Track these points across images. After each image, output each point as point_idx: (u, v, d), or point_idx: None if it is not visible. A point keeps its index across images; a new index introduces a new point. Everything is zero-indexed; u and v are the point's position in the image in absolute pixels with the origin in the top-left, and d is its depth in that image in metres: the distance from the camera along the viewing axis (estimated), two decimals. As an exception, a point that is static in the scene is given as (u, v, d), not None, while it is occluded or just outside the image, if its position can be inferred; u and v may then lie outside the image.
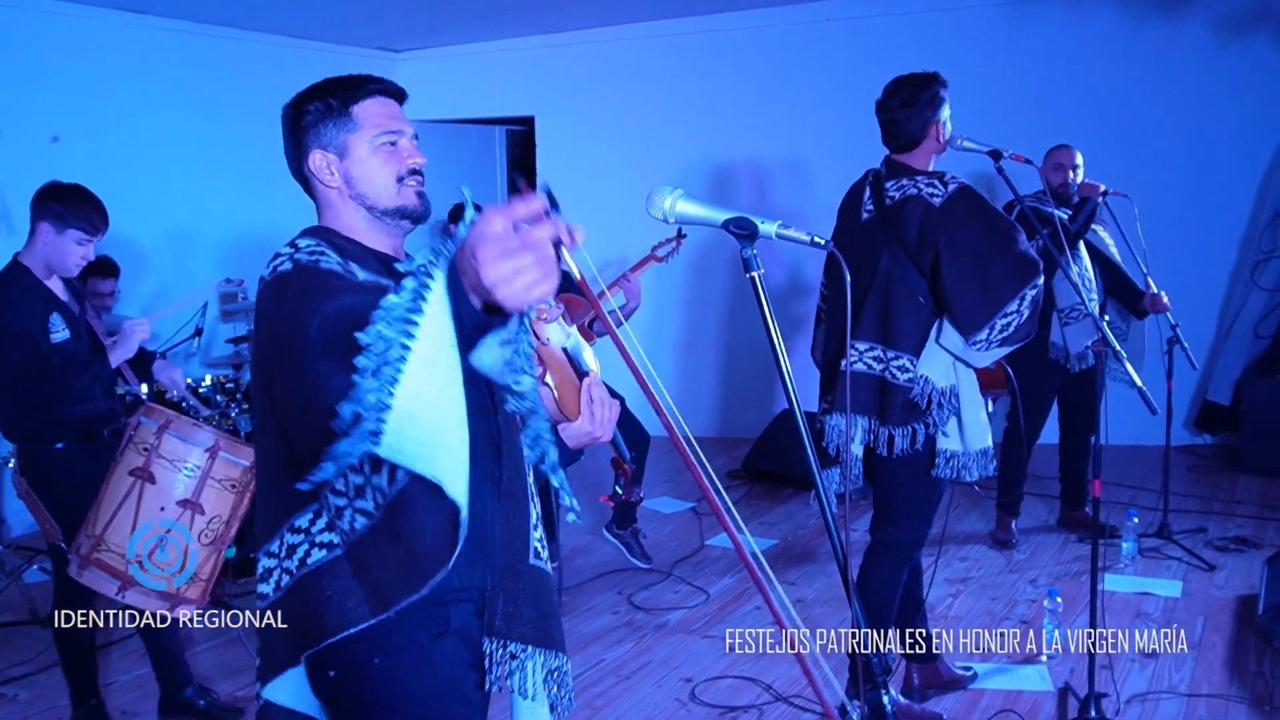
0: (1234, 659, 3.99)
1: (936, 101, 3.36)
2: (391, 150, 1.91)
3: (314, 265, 1.75)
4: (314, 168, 1.92)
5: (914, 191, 3.32)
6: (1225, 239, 7.00)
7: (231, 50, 7.28)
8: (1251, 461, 6.46)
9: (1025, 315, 3.24)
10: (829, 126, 7.54)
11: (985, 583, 4.91)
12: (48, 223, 3.49)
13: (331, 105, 1.90)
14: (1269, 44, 6.73)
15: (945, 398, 3.36)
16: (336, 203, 1.94)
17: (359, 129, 1.89)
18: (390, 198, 1.91)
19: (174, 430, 3.26)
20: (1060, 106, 6.99)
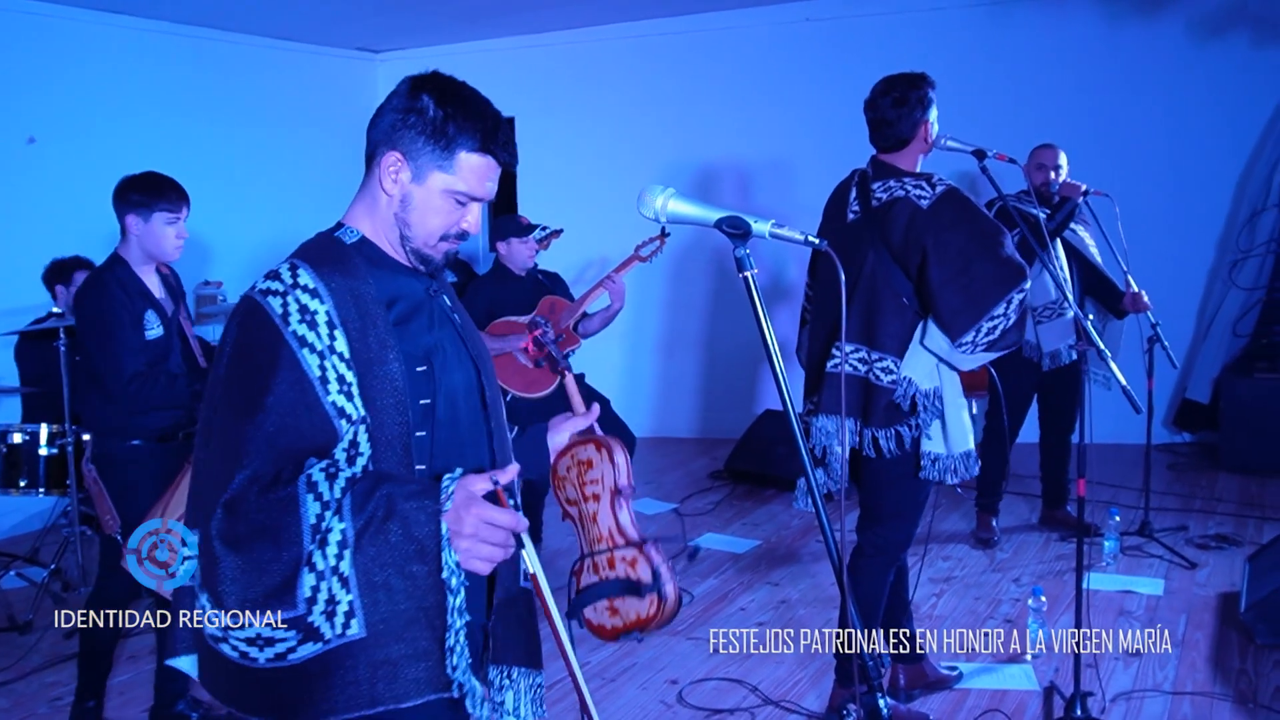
0: (1217, 656, 4.00)
1: (926, 102, 3.36)
2: (458, 208, 1.82)
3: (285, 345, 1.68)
4: (383, 164, 1.81)
5: (901, 193, 3.31)
6: (1203, 238, 7.05)
7: (211, 51, 7.24)
8: (1230, 459, 6.50)
9: (1012, 320, 3.24)
10: (811, 126, 7.56)
11: (969, 582, 4.92)
12: (133, 214, 3.52)
13: (446, 133, 1.77)
14: (1246, 44, 6.78)
15: (929, 400, 3.35)
16: (382, 206, 1.84)
17: (450, 174, 1.78)
18: (426, 244, 1.83)
19: None
20: (1040, 106, 7.02)
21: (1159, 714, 3.60)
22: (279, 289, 1.73)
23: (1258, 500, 5.91)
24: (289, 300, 1.71)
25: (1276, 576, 4.18)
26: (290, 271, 1.75)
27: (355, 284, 1.76)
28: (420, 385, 1.78)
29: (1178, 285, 6.84)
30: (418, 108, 1.77)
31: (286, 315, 1.70)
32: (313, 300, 1.71)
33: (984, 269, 3.24)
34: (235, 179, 7.33)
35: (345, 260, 1.80)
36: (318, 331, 1.69)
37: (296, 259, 1.79)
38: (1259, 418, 6.42)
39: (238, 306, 1.76)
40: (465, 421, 1.87)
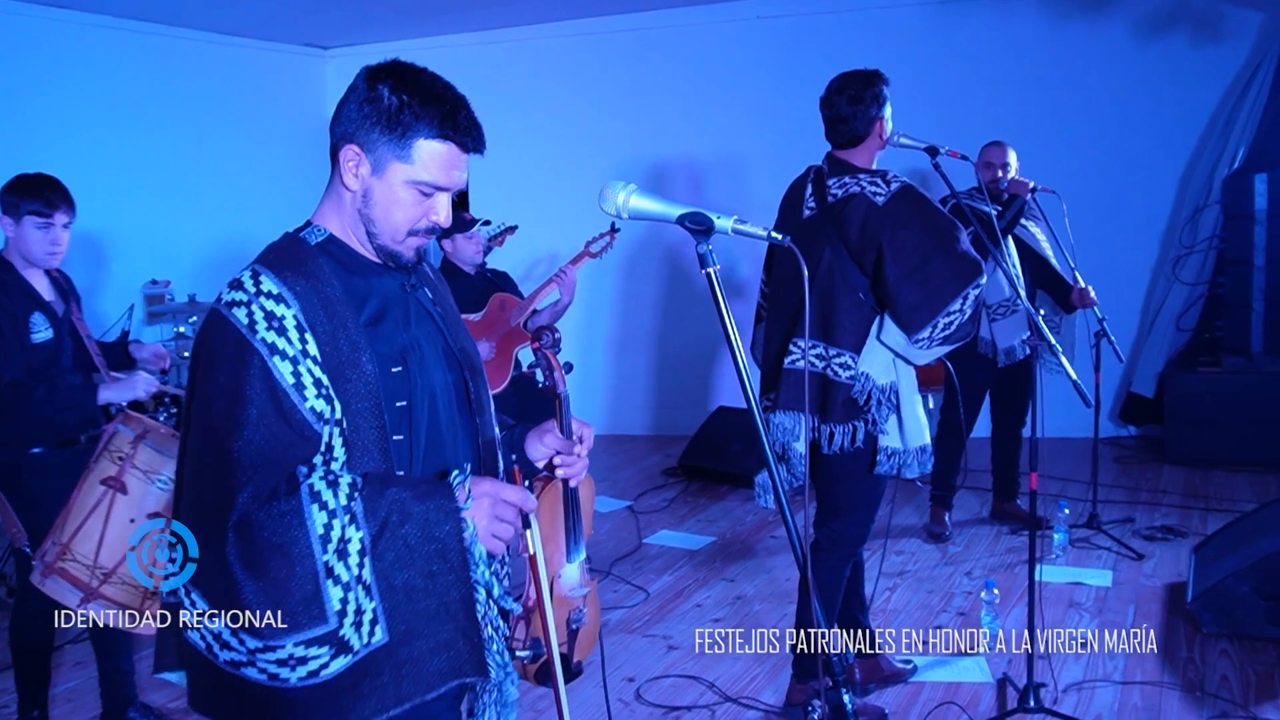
0: (1165, 646, 4.07)
1: (881, 99, 3.39)
2: (423, 200, 1.75)
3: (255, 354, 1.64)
4: (342, 159, 1.75)
5: (857, 190, 3.33)
6: (1147, 234, 7.16)
7: (156, 46, 7.12)
8: (1175, 452, 6.62)
9: (967, 315, 3.28)
10: (763, 123, 7.58)
11: (921, 576, 4.96)
12: (6, 216, 3.37)
13: (400, 121, 1.70)
14: (1186, 44, 6.89)
15: (885, 395, 3.38)
16: (346, 203, 1.78)
17: (409, 164, 1.72)
18: (393, 239, 1.77)
19: (150, 441, 3.16)
20: (988, 104, 7.09)
21: (1109, 704, 3.65)
22: (243, 299, 1.67)
23: (1201, 492, 6.02)
24: (254, 309, 1.66)
25: (1222, 567, 4.25)
26: (252, 279, 1.70)
27: (320, 285, 1.71)
28: (396, 386, 1.74)
29: (1123, 281, 6.94)
30: (373, 97, 1.71)
31: (253, 324, 1.65)
32: (278, 305, 1.66)
33: (941, 265, 3.27)
34: (182, 176, 7.22)
35: (308, 261, 1.74)
36: (287, 337, 1.65)
37: (258, 265, 1.73)
38: (1202, 411, 6.53)
39: (205, 320, 1.72)
40: (446, 422, 1.83)
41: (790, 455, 3.51)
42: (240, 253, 7.71)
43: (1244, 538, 4.41)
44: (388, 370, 1.73)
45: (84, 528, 3.07)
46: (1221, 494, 5.95)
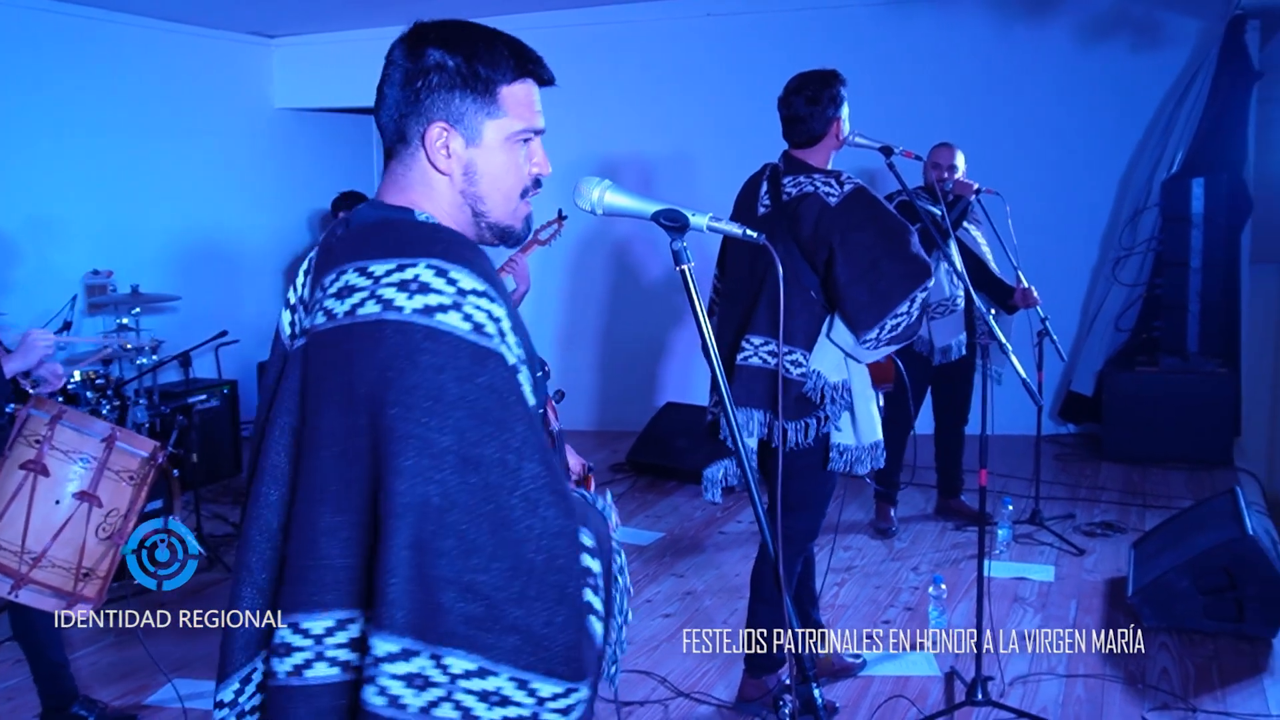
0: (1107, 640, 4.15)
1: (838, 100, 3.41)
2: (525, 151, 1.59)
3: (503, 361, 1.42)
4: (429, 142, 1.54)
5: (811, 189, 3.36)
6: (1087, 236, 7.29)
7: (97, 32, 6.96)
8: (1113, 450, 6.75)
9: (914, 316, 3.32)
10: (712, 120, 7.60)
11: (869, 571, 5.01)
12: None
13: (478, 74, 1.53)
14: (1127, 50, 7.03)
15: (837, 392, 3.41)
16: (441, 190, 1.56)
17: (502, 116, 1.55)
18: (506, 210, 1.59)
19: (68, 421, 3.10)
20: (933, 105, 7.17)
21: (1054, 696, 3.72)
22: (445, 301, 1.41)
23: (1139, 489, 6.15)
24: (469, 310, 1.41)
25: (1161, 562, 4.35)
26: (440, 276, 1.43)
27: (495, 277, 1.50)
28: (539, 392, 1.58)
29: (1063, 281, 7.05)
30: (435, 65, 1.53)
31: (481, 328, 1.41)
32: (493, 304, 1.45)
33: (890, 267, 3.30)
34: (124, 165, 7.08)
35: (479, 249, 1.54)
36: (506, 341, 1.46)
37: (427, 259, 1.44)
38: (1140, 409, 6.67)
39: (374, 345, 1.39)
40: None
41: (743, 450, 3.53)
42: (183, 242, 7.61)
43: (1181, 534, 4.52)
44: (534, 374, 1.56)
45: (7, 514, 3.04)
46: (1158, 491, 6.08)
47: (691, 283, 1.59)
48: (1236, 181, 6.75)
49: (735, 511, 5.90)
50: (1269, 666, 3.90)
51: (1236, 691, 3.71)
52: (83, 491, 3.11)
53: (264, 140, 8.27)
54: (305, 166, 8.51)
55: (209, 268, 7.73)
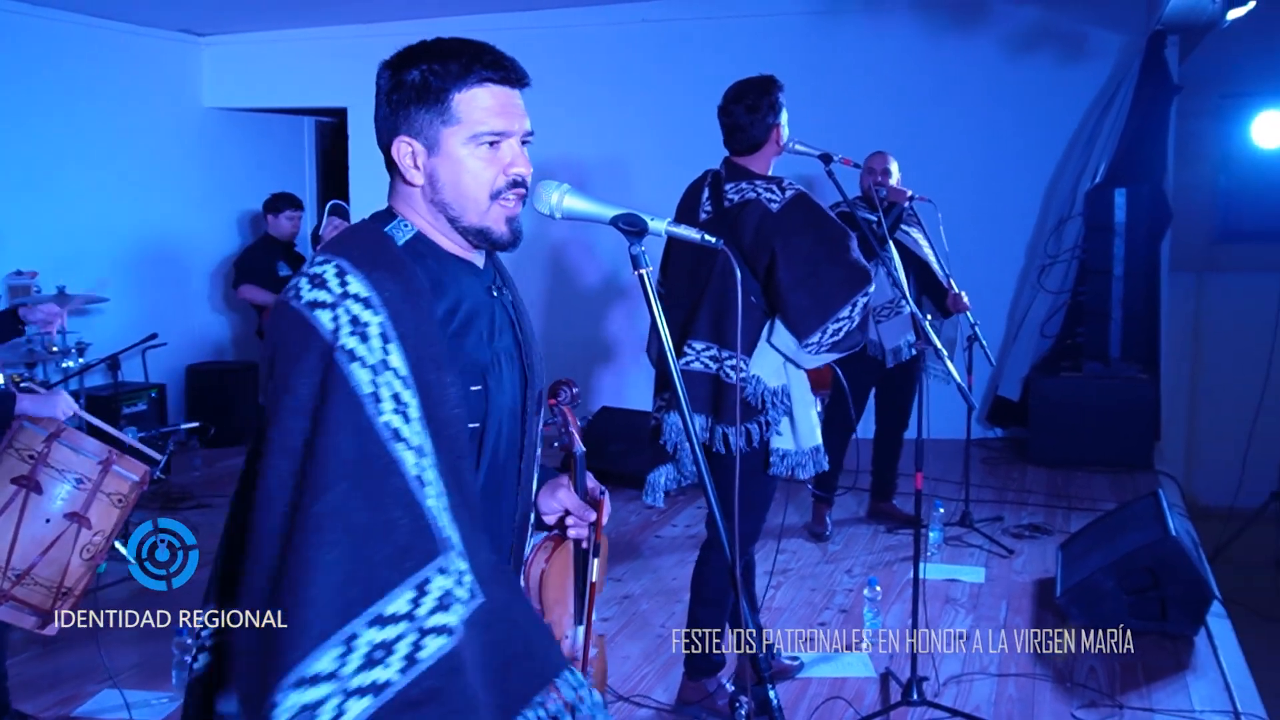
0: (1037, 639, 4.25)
1: (777, 106, 3.45)
2: (491, 154, 1.62)
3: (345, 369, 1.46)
4: (397, 157, 1.63)
5: (753, 195, 3.39)
6: (1013, 244, 7.45)
7: (20, 26, 6.79)
8: (1038, 453, 6.90)
9: (855, 321, 3.37)
10: (646, 126, 7.64)
11: (804, 574, 5.07)
12: None
13: (430, 86, 1.59)
14: (1052, 63, 7.20)
15: (777, 397, 3.45)
16: (417, 201, 1.65)
17: (456, 123, 1.60)
18: (477, 213, 1.63)
19: (65, 440, 3.04)
20: (865, 113, 7.28)
21: (987, 695, 3.79)
22: (328, 299, 1.51)
23: (1064, 491, 6.30)
24: (340, 313, 1.50)
25: (1088, 563, 4.46)
26: (338, 277, 1.53)
27: (411, 290, 1.56)
28: (472, 407, 1.61)
29: (991, 288, 7.19)
30: (396, 84, 1.62)
31: (338, 330, 1.49)
32: (365, 311, 1.51)
33: (831, 272, 3.35)
34: (48, 164, 6.92)
35: (399, 263, 1.59)
36: (369, 345, 1.49)
37: (342, 260, 1.55)
38: (1064, 414, 6.83)
39: (279, 314, 1.54)
40: (507, 450, 1.71)
41: (681, 455, 3.57)
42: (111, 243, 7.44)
43: (1107, 535, 4.64)
44: (467, 389, 1.60)
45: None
46: (1082, 493, 6.23)
47: (650, 287, 1.61)
48: (1157, 192, 6.94)
49: (671, 515, 5.93)
50: (1191, 663, 4.02)
51: (1161, 688, 3.82)
52: (74, 512, 3.06)
53: (193, 140, 8.13)
54: (236, 167, 8.38)
55: (137, 269, 7.58)
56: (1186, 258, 7.64)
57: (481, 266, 1.72)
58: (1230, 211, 7.96)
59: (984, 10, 7.23)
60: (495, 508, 1.70)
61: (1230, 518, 6.45)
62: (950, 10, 7.28)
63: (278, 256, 6.82)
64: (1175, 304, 7.45)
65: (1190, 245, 7.68)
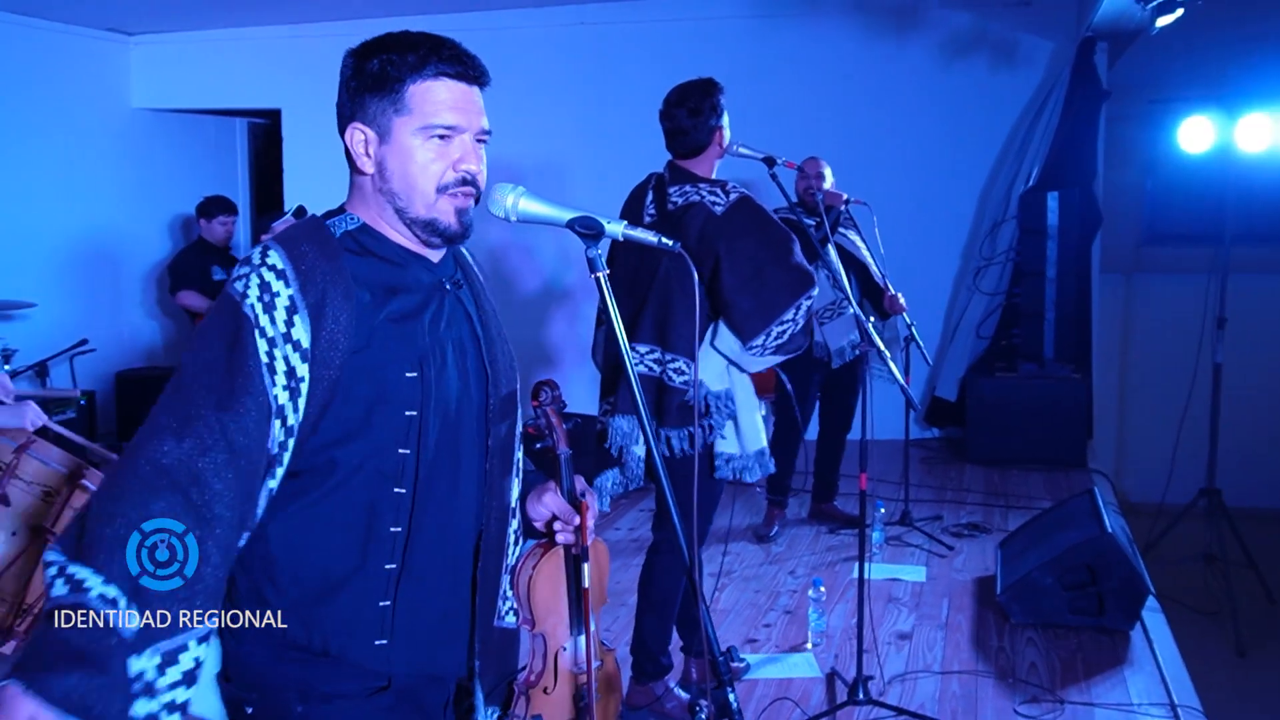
0: (978, 636, 4.30)
1: (719, 109, 3.46)
2: (441, 147, 1.62)
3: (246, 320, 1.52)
4: (350, 143, 1.65)
5: (697, 198, 3.40)
6: (949, 246, 7.55)
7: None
8: (975, 453, 7.00)
9: (799, 324, 3.38)
10: (583, 129, 7.62)
11: (748, 575, 5.08)
12: None
13: (387, 75, 1.61)
14: (986, 68, 7.31)
15: (720, 401, 3.45)
16: (368, 191, 1.66)
17: (408, 113, 1.61)
18: (424, 205, 1.62)
19: (35, 451, 2.95)
20: (802, 117, 7.33)
21: (931, 693, 3.83)
22: (246, 271, 1.56)
23: (1001, 490, 6.39)
24: (252, 279, 1.54)
25: (1027, 561, 4.53)
26: (261, 252, 1.58)
27: (334, 270, 1.57)
28: (407, 394, 1.60)
29: (927, 290, 7.28)
30: (356, 70, 1.65)
31: (246, 292, 1.53)
32: (277, 281, 1.54)
33: (775, 275, 3.36)
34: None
35: (328, 244, 1.61)
36: (273, 315, 1.52)
37: (273, 240, 1.61)
38: (999, 414, 6.93)
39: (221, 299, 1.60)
40: (465, 446, 1.69)
41: (627, 459, 3.56)
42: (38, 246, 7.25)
43: (1045, 533, 4.72)
44: (401, 374, 1.59)
45: None
46: (1019, 492, 6.33)
47: (607, 290, 1.60)
48: (1088, 195, 7.08)
49: (614, 519, 5.91)
50: (1128, 658, 4.09)
51: (1100, 682, 3.89)
52: (42, 526, 2.96)
53: (122, 141, 7.95)
54: (166, 169, 8.21)
55: (66, 273, 7.40)
56: (1115, 260, 7.81)
57: (436, 261, 1.71)
58: (1157, 215, 8.16)
59: (919, 16, 7.32)
60: (449, 505, 1.67)
61: (1159, 514, 6.58)
62: (885, 16, 7.36)
63: (212, 261, 6.68)
64: (1105, 305, 7.60)
65: (1119, 248, 7.85)
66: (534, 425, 1.89)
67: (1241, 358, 7.05)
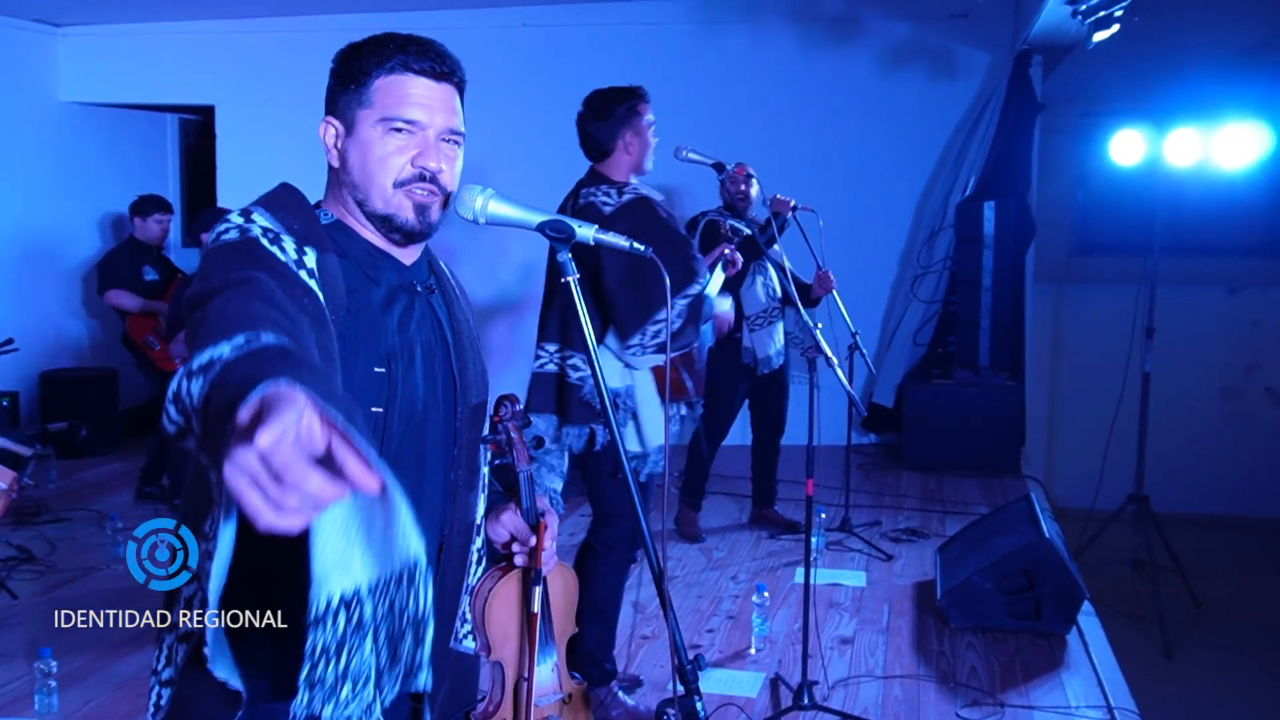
0: (919, 641, 4.34)
1: (630, 116, 3.43)
2: (402, 142, 1.59)
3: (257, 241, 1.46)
4: (322, 136, 1.64)
5: (592, 199, 3.41)
6: (887, 254, 7.63)
7: None
8: (912, 458, 7.08)
9: (678, 324, 3.38)
10: (523, 132, 7.56)
11: (690, 581, 5.08)
12: None
13: (355, 69, 1.61)
14: (924, 78, 7.41)
15: (619, 398, 3.44)
16: (336, 188, 1.64)
17: (370, 106, 1.59)
18: (381, 199, 1.59)
19: None
20: (740, 124, 7.35)
21: (874, 697, 3.85)
22: (232, 226, 1.49)
23: (937, 495, 6.46)
24: (248, 225, 1.49)
25: (965, 566, 4.58)
26: (243, 215, 1.52)
27: (319, 242, 1.54)
28: (374, 389, 1.55)
29: (865, 297, 7.33)
30: (336, 66, 1.65)
31: (247, 227, 1.48)
32: (280, 233, 1.50)
33: (652, 274, 3.35)
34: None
35: (314, 222, 1.58)
36: (282, 246, 1.48)
37: (252, 206, 1.55)
38: (935, 420, 7.03)
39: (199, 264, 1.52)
40: (425, 455, 1.64)
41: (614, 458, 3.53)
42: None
43: (982, 538, 4.77)
44: (369, 368, 1.55)
45: None
46: (955, 497, 6.40)
47: (578, 294, 1.57)
48: (1022, 206, 7.20)
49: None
50: (1065, 661, 4.16)
51: (1039, 686, 3.94)
52: None
53: (48, 135, 7.74)
54: (95, 165, 8.01)
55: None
56: (1047, 270, 7.95)
57: (409, 264, 1.67)
58: (1088, 226, 8.32)
59: (858, 25, 7.39)
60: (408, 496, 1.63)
61: (1089, 519, 6.69)
62: (826, 24, 7.42)
63: (144, 260, 6.50)
64: (1037, 314, 7.73)
65: (1051, 258, 7.99)
66: (495, 441, 1.81)
67: (1169, 367, 7.20)
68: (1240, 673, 5.79)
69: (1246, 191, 7.23)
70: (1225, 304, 8.01)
